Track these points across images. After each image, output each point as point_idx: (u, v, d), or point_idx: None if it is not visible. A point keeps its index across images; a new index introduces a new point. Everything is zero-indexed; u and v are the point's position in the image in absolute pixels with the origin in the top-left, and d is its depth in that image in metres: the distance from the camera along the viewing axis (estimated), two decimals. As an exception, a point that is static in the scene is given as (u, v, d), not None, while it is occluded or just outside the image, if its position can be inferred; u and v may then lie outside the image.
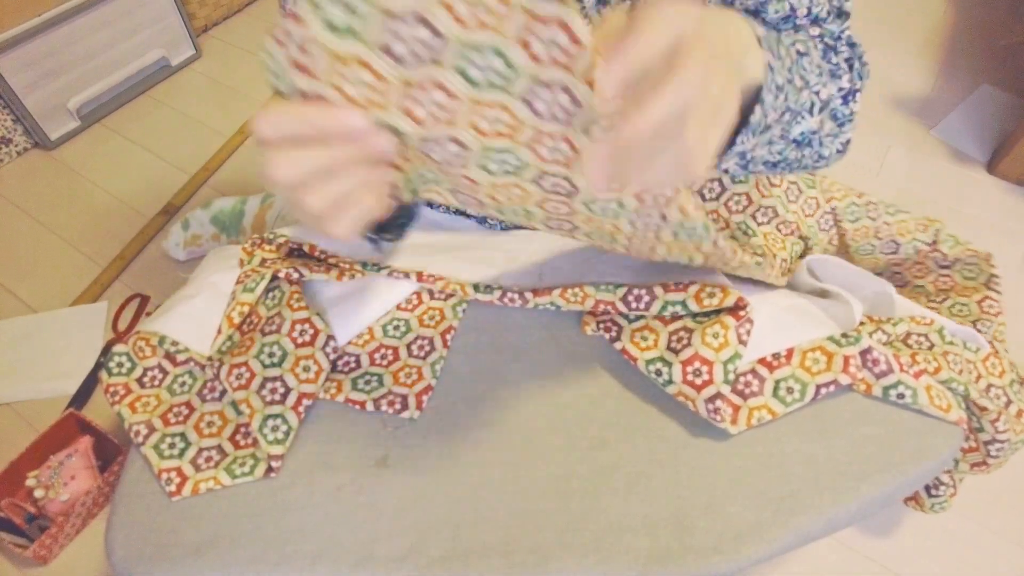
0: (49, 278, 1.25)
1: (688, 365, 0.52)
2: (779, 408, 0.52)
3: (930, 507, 0.67)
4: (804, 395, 0.52)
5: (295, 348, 0.56)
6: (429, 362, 0.58)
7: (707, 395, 0.51)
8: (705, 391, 0.51)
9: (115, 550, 0.50)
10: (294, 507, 0.51)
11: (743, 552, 0.47)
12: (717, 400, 0.51)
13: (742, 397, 0.53)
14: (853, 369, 0.52)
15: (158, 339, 0.58)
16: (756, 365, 0.53)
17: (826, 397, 0.53)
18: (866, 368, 0.53)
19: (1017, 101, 1.54)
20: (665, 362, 0.53)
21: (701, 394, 0.51)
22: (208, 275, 0.63)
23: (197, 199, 1.38)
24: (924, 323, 0.56)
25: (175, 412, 0.56)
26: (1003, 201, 1.35)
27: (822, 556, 0.90)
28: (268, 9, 1.88)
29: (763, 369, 0.53)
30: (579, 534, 0.49)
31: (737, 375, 0.53)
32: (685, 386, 0.52)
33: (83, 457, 0.94)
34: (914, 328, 0.56)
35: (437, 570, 0.48)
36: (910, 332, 0.57)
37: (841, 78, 0.47)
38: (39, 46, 1.36)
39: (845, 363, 0.52)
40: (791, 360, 0.53)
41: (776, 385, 0.53)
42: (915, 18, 1.79)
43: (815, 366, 0.53)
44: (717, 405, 0.51)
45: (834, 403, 0.54)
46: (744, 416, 0.52)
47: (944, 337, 0.56)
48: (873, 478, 0.51)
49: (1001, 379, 0.57)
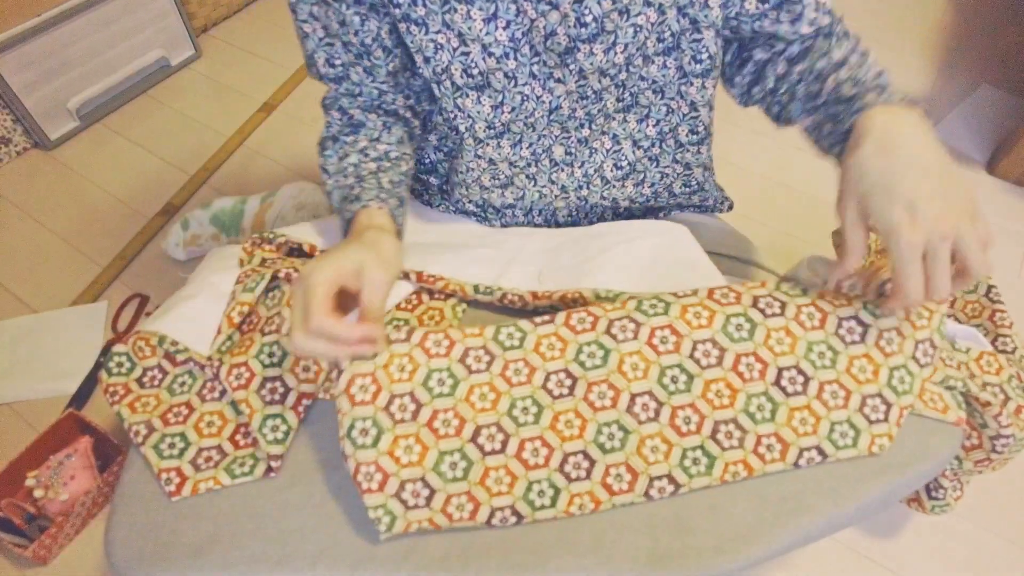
0: (49, 278, 1.25)
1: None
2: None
3: (931, 509, 0.67)
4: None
5: (295, 348, 0.56)
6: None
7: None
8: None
9: (115, 550, 0.50)
10: (294, 507, 0.51)
11: (744, 552, 0.47)
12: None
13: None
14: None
15: (158, 339, 0.58)
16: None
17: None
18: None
19: (1017, 101, 1.54)
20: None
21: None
22: (208, 275, 0.63)
23: (197, 199, 1.38)
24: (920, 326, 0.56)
25: (175, 412, 0.56)
26: (1003, 201, 1.35)
27: (822, 556, 0.90)
28: (268, 9, 1.88)
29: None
30: (579, 534, 0.49)
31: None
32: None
33: (83, 457, 0.94)
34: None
35: (437, 570, 0.48)
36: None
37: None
38: (39, 46, 1.36)
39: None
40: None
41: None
42: (915, 18, 1.79)
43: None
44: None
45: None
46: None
47: (941, 334, 0.56)
48: (873, 478, 0.51)
49: (998, 376, 0.57)
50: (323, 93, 0.65)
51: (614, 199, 0.70)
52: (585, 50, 0.55)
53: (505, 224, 0.74)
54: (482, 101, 0.59)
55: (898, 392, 0.52)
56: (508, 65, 0.56)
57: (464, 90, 0.58)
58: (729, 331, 0.53)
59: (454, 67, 0.56)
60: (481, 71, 0.56)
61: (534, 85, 0.58)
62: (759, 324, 0.54)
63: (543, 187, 0.67)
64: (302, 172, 1.43)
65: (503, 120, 0.60)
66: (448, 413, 0.51)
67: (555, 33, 0.54)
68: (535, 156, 0.64)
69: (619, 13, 0.53)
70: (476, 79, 0.57)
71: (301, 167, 1.45)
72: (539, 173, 0.66)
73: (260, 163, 1.46)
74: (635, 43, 0.55)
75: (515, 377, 0.53)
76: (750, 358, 0.53)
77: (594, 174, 0.67)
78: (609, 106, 0.61)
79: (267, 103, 1.59)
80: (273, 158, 1.47)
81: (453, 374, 0.52)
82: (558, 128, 0.62)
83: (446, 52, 0.55)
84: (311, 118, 1.56)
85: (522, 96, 0.58)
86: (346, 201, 0.59)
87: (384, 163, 0.62)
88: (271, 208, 1.23)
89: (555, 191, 0.68)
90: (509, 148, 0.63)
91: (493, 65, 0.56)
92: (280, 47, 1.75)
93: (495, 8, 0.53)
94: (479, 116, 0.60)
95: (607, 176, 0.67)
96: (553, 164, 0.65)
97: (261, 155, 1.48)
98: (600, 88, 0.59)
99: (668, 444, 0.51)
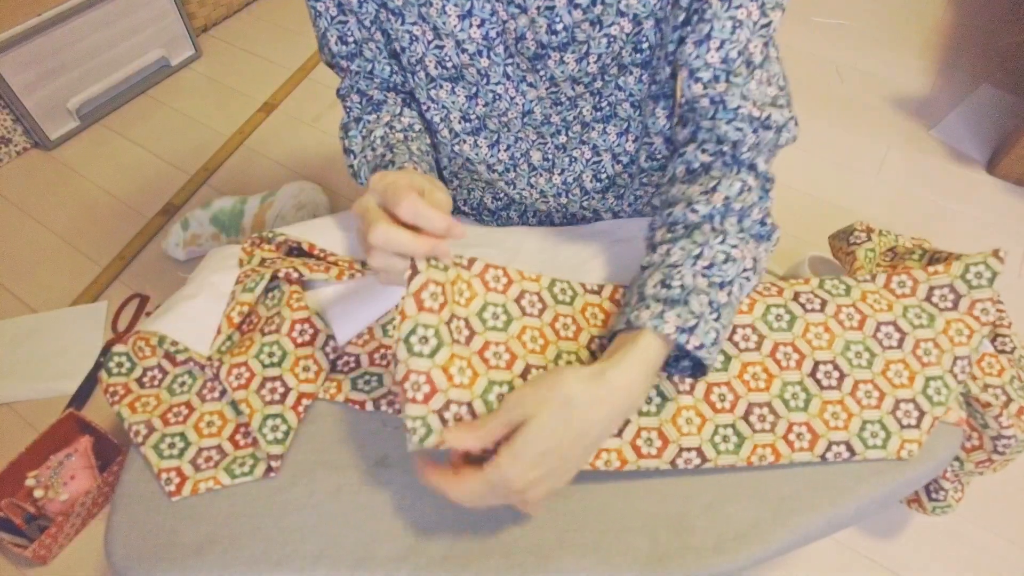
0: (49, 278, 1.25)
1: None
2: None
3: (932, 509, 0.67)
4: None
5: (295, 348, 0.56)
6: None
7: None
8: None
9: (115, 550, 0.50)
10: (294, 507, 0.51)
11: (743, 552, 0.47)
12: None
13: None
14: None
15: (158, 339, 0.58)
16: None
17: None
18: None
19: (1017, 101, 1.54)
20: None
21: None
22: (208, 275, 0.63)
23: (197, 199, 1.38)
24: (959, 342, 0.56)
25: (175, 412, 0.56)
26: (1003, 201, 1.35)
27: (822, 556, 0.90)
28: (268, 9, 1.88)
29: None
30: (579, 534, 0.49)
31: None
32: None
33: (83, 457, 0.94)
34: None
35: (437, 570, 0.48)
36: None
37: (763, 218, 0.56)
38: (39, 46, 1.36)
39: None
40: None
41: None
42: (915, 18, 1.79)
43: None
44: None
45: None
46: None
47: (977, 353, 0.56)
48: (872, 478, 0.51)
49: (1000, 377, 0.57)
50: (324, 92, 0.65)
51: (595, 210, 0.69)
52: (556, 58, 0.54)
53: (501, 225, 0.73)
54: (456, 92, 0.59)
55: (932, 402, 0.52)
56: (481, 63, 0.56)
57: (438, 81, 0.58)
58: (769, 320, 0.55)
59: (428, 59, 0.56)
60: (455, 64, 0.57)
61: (507, 85, 0.57)
62: (798, 317, 0.55)
63: (523, 190, 0.67)
64: (302, 172, 1.43)
65: (478, 112, 0.60)
66: (500, 347, 0.51)
67: (524, 37, 0.53)
68: (513, 160, 0.64)
69: (591, 23, 0.51)
70: (450, 71, 0.57)
71: (301, 167, 1.45)
72: (518, 177, 0.66)
73: (260, 163, 1.46)
74: (609, 53, 0.54)
75: (563, 331, 0.55)
76: (788, 348, 0.54)
77: (573, 183, 0.66)
78: (586, 114, 0.60)
79: (267, 103, 1.59)
80: (273, 158, 1.47)
81: (507, 311, 0.53)
82: (533, 132, 0.62)
83: (420, 44, 0.56)
84: (311, 118, 1.56)
85: (494, 94, 0.58)
86: (379, 169, 0.57)
87: (411, 133, 0.62)
88: (271, 208, 1.23)
89: (535, 195, 0.67)
90: (487, 148, 0.63)
91: (466, 61, 0.56)
92: (280, 47, 1.75)
93: (470, 5, 0.53)
94: (453, 106, 0.60)
95: (586, 187, 0.66)
96: (532, 168, 0.65)
97: (261, 155, 1.48)
98: (574, 95, 0.58)
99: (702, 418, 0.52)
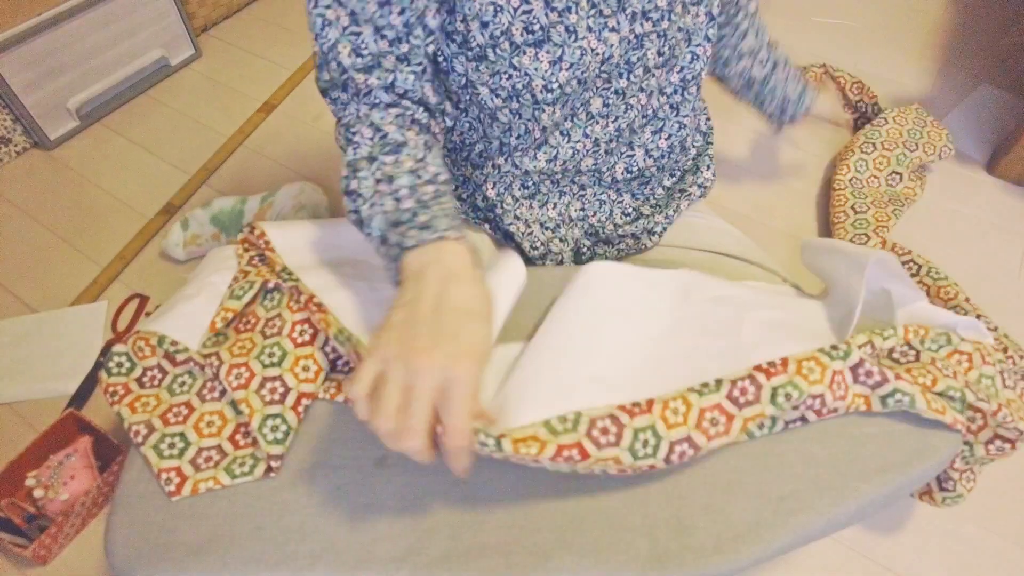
0: (49, 278, 1.25)
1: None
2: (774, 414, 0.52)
3: (942, 501, 0.67)
4: (802, 397, 0.52)
5: (295, 348, 0.56)
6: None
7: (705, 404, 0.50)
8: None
9: (115, 550, 0.50)
10: (294, 507, 0.51)
11: (743, 552, 0.47)
12: (714, 411, 0.50)
13: (737, 406, 0.51)
14: (848, 382, 0.52)
15: (158, 339, 0.58)
16: (753, 371, 0.52)
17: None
18: (859, 383, 0.53)
19: (1017, 101, 1.54)
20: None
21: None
22: (208, 275, 0.63)
23: (197, 199, 1.38)
24: (915, 331, 0.56)
25: (175, 412, 0.56)
26: (1003, 201, 1.35)
27: (822, 556, 0.90)
28: (268, 9, 1.88)
29: (760, 376, 0.52)
30: (579, 534, 0.49)
31: (733, 381, 0.51)
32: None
33: (83, 457, 0.94)
34: (900, 341, 0.56)
35: (437, 570, 0.48)
36: (895, 347, 0.56)
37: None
38: (39, 46, 1.36)
39: (833, 377, 0.51)
40: (787, 368, 0.52)
41: (774, 392, 0.51)
42: (915, 18, 1.79)
43: (811, 375, 0.52)
44: (715, 416, 0.50)
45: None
46: (738, 426, 0.51)
47: (924, 343, 0.56)
48: (873, 478, 0.51)
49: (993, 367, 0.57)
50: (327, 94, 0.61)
51: (630, 157, 0.74)
52: None
53: (534, 246, 0.75)
54: (540, 58, 0.59)
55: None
56: (569, 19, 0.58)
57: (522, 47, 0.58)
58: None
59: (515, 27, 0.57)
60: (542, 26, 0.58)
61: (590, 38, 0.59)
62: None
63: (576, 143, 0.69)
64: (302, 172, 1.43)
65: (560, 80, 0.60)
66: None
67: None
68: (573, 110, 0.66)
69: None
70: (536, 35, 0.58)
71: (301, 167, 1.45)
72: (574, 128, 0.68)
73: (260, 163, 1.46)
74: None
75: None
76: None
77: (625, 128, 0.70)
78: (649, 57, 0.64)
79: (267, 103, 1.59)
80: (273, 158, 1.47)
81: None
82: (601, 80, 0.64)
83: (506, 13, 0.56)
84: (311, 118, 1.56)
85: (581, 50, 0.60)
86: (400, 226, 0.51)
87: (440, 187, 0.54)
88: (271, 208, 1.23)
89: (588, 145, 0.70)
90: (559, 109, 0.65)
91: (555, 19, 0.57)
92: (280, 47, 1.75)
93: None
94: (536, 73, 0.60)
95: (635, 127, 0.71)
96: (589, 117, 0.67)
97: (261, 155, 1.48)
98: (642, 33, 0.62)
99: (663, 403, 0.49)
